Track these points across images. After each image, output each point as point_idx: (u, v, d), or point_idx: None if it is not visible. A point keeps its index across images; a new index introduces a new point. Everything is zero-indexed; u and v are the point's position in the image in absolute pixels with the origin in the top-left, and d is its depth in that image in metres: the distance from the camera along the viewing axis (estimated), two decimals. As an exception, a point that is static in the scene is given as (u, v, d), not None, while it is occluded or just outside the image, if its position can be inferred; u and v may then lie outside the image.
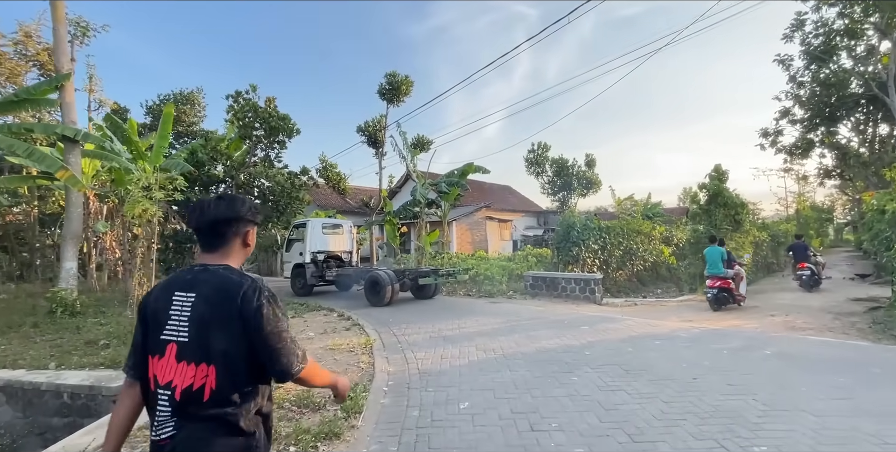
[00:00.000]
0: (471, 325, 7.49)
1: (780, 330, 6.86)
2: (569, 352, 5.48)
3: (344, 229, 13.51)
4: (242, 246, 1.48)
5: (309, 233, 12.45)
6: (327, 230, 13.01)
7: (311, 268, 12.19)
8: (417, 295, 10.83)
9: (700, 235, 12.43)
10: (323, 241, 12.66)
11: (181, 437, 1.26)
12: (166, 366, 1.29)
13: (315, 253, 12.33)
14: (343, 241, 13.31)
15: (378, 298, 9.71)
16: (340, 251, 13.13)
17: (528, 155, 28.03)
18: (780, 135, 27.55)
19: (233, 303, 1.29)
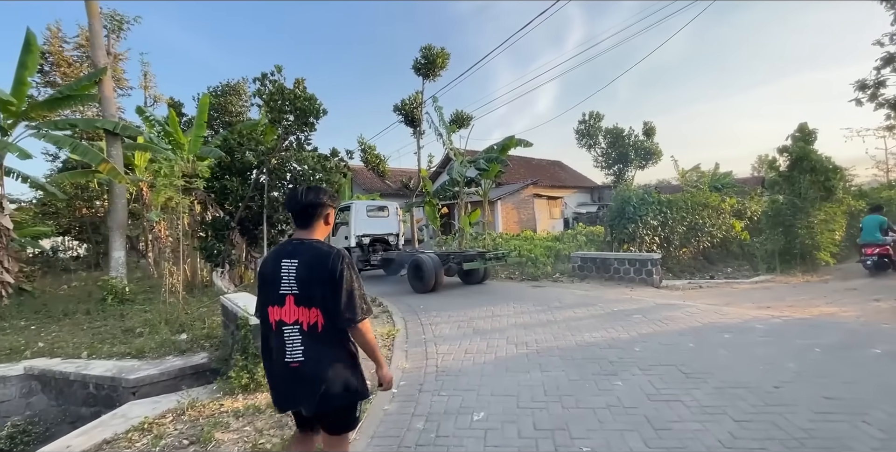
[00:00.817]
0: (507, 313, 6.82)
1: (890, 320, 5.55)
2: (615, 348, 4.66)
3: (389, 211, 13.05)
4: (325, 224, 2.02)
5: (353, 216, 12.08)
6: (372, 213, 12.64)
7: (356, 252, 11.92)
8: (466, 280, 10.11)
9: (780, 207, 10.69)
10: (368, 224, 12.33)
11: (310, 356, 1.81)
12: (289, 311, 1.83)
13: (360, 237, 12.06)
14: (389, 224, 12.89)
15: (422, 284, 9.08)
16: (386, 234, 12.71)
17: (579, 126, 26.11)
18: (882, 86, 23.57)
19: (325, 267, 1.82)
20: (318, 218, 1.98)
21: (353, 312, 1.82)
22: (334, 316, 1.82)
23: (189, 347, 6.02)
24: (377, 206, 12.98)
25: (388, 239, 12.69)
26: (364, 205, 12.63)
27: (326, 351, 1.84)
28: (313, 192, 1.98)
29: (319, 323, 1.82)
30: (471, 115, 16.31)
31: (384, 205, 13.22)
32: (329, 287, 1.81)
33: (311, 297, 1.82)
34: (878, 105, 24.04)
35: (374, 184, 24.86)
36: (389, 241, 12.70)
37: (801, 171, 10.92)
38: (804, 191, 10.63)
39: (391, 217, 12.99)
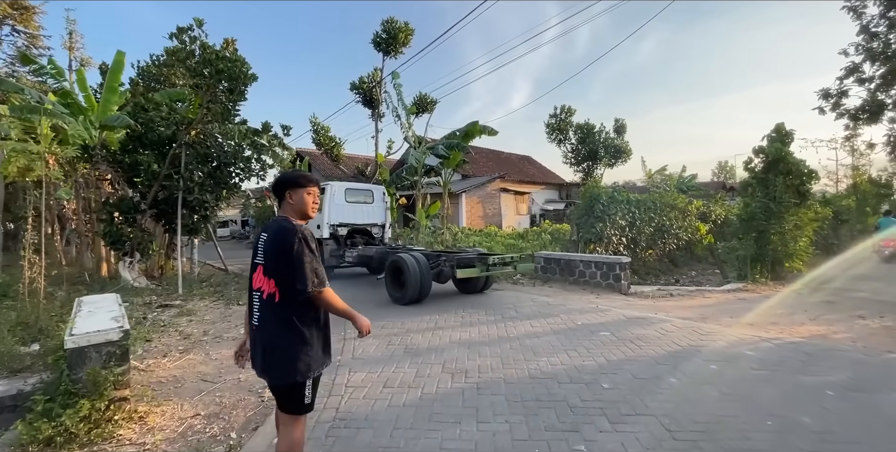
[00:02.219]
0: (452, 324, 5.68)
1: (888, 344, 4.79)
2: (578, 383, 3.59)
3: (374, 197, 10.81)
4: (290, 203, 2.11)
5: (327, 201, 9.65)
6: (352, 197, 10.36)
7: (329, 245, 9.66)
8: (462, 287, 7.89)
9: (754, 210, 10.07)
10: (346, 211, 10.11)
11: (262, 322, 2.00)
12: (258, 278, 2.01)
13: (335, 226, 9.87)
14: (373, 212, 10.66)
15: (402, 294, 6.91)
16: (369, 224, 10.53)
17: (550, 120, 25.29)
18: (844, 96, 23.98)
19: (281, 241, 1.95)
20: (282, 197, 2.11)
21: (303, 283, 1.90)
22: (287, 287, 1.93)
23: (32, 364, 4.54)
24: (359, 190, 10.75)
25: (372, 232, 10.55)
26: (342, 187, 10.27)
27: (275, 321, 1.96)
28: (286, 174, 2.18)
29: (276, 294, 1.95)
30: (435, 100, 15.05)
31: (368, 188, 10.98)
32: (283, 260, 1.93)
33: (271, 269, 1.97)
34: (838, 115, 24.56)
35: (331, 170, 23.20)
36: (373, 234, 10.56)
37: (777, 174, 10.33)
38: (779, 194, 10.04)
39: (376, 204, 10.77)
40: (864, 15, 22.25)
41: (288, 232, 1.94)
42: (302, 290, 1.89)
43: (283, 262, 1.92)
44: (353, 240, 10.08)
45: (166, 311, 7.13)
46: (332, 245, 9.70)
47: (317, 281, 1.93)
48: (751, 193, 10.69)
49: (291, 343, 1.95)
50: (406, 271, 6.77)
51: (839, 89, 24.94)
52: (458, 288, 7.95)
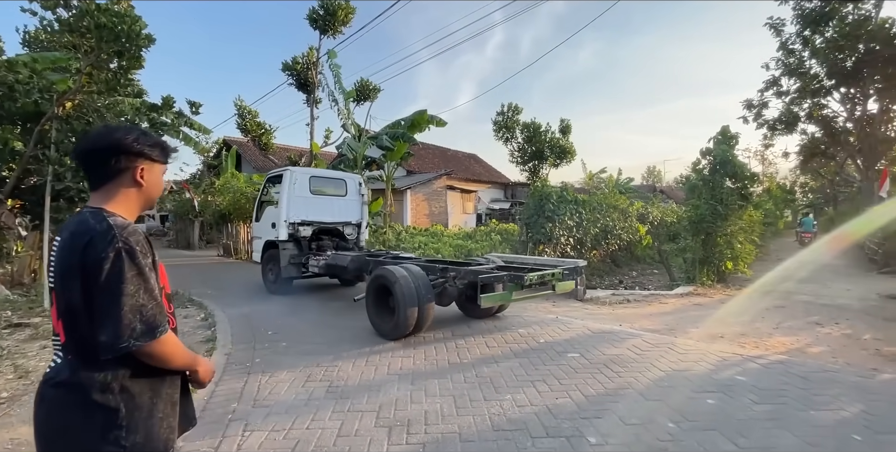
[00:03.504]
0: (391, 346, 4.65)
1: (864, 358, 4.45)
2: (557, 437, 2.72)
3: (348, 188, 8.38)
4: (132, 186, 1.26)
5: (287, 192, 7.46)
6: (319, 187, 8.00)
7: (287, 250, 7.38)
8: (469, 310, 5.82)
9: (703, 213, 10.00)
10: (310, 206, 7.74)
11: (45, 400, 1.18)
12: (54, 313, 1.21)
13: (296, 225, 7.55)
14: (347, 207, 8.30)
15: (390, 323, 4.82)
16: (341, 223, 8.20)
17: (498, 117, 24.87)
18: (764, 107, 25.84)
19: (78, 252, 1.12)
20: (115, 174, 1.23)
21: (111, 333, 1.08)
22: (85, 338, 1.13)
23: None
24: (329, 178, 8.41)
25: (344, 232, 8.27)
26: (306, 174, 7.94)
27: (61, 397, 1.15)
28: (105, 131, 1.30)
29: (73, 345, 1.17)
30: (378, 87, 13.83)
31: (340, 177, 8.58)
32: (80, 285, 1.11)
33: (60, 301, 1.16)
34: (759, 125, 26.49)
35: (262, 162, 21.10)
36: (346, 235, 8.29)
37: (723, 176, 10.34)
38: (725, 197, 10.03)
39: (350, 197, 8.36)
40: (783, 32, 23.99)
41: (95, 238, 1.12)
42: (108, 344, 1.09)
43: (82, 290, 1.12)
44: (319, 243, 7.89)
45: (15, 333, 5.44)
46: (292, 249, 7.43)
47: (140, 329, 1.12)
48: (698, 195, 10.65)
49: (88, 427, 1.14)
50: (397, 291, 4.63)
51: (760, 101, 26.82)
52: (463, 310, 5.90)
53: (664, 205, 21.75)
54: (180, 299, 7.37)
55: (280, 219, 7.48)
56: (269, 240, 7.81)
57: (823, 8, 20.27)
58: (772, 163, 47.06)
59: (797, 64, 23.29)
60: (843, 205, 31.30)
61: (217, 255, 17.31)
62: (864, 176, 23.17)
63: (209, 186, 17.67)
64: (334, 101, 11.89)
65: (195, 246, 20.23)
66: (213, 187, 17.19)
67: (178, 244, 21.78)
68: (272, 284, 7.82)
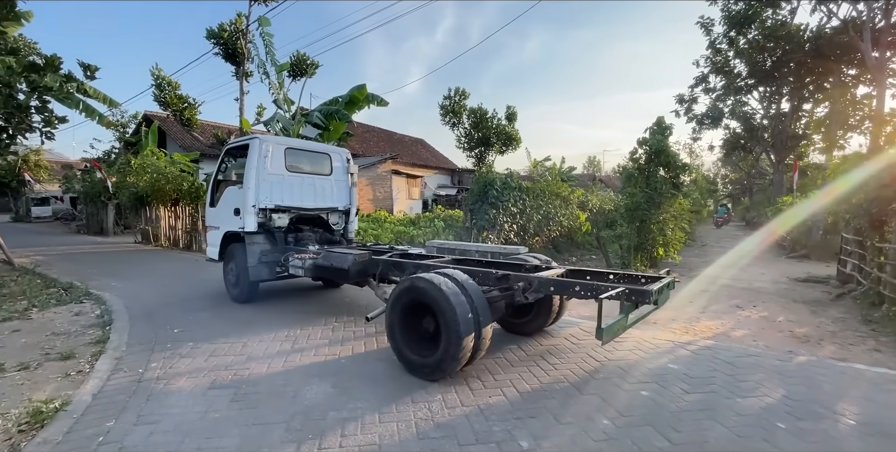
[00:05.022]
0: (313, 347, 4.22)
1: (784, 342, 4.67)
2: (488, 443, 2.48)
3: (332, 164, 6.61)
4: None
5: (255, 168, 5.68)
6: (296, 162, 6.21)
7: (257, 244, 5.69)
8: (516, 325, 4.55)
9: (638, 201, 10.33)
10: (286, 187, 6.01)
11: None
12: None
13: (269, 212, 5.85)
14: (331, 189, 6.57)
15: (430, 358, 3.30)
16: (325, 209, 6.49)
17: (445, 102, 24.42)
18: (694, 102, 27.47)
19: None
20: None
21: None
22: None
23: None
24: (309, 152, 6.50)
25: (329, 221, 6.61)
26: (281, 146, 6.06)
27: None
28: None
29: None
30: (316, 62, 12.87)
31: (324, 150, 6.72)
32: None
33: None
34: (689, 119, 28.15)
35: (190, 141, 19.26)
36: (331, 224, 6.63)
37: (657, 165, 10.70)
38: (659, 186, 10.39)
39: (336, 176, 6.61)
40: (712, 32, 25.36)
41: None
42: None
43: None
44: (297, 235, 6.29)
45: None
46: (263, 243, 5.74)
47: None
48: (634, 183, 10.98)
49: None
50: (447, 312, 3.12)
51: (691, 96, 28.37)
52: (507, 327, 4.63)
53: (603, 193, 22.63)
54: (75, 293, 6.42)
55: (246, 204, 5.64)
56: (231, 232, 5.98)
57: (747, 10, 21.65)
58: (698, 156, 50.68)
59: (723, 62, 24.87)
60: (757, 196, 34.46)
61: (134, 242, 15.67)
62: (776, 169, 25.46)
63: (124, 165, 15.82)
64: (265, 74, 10.87)
65: (109, 232, 18.22)
66: (128, 166, 15.41)
67: (89, 229, 19.49)
68: (234, 289, 6.00)
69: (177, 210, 13.82)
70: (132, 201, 15.87)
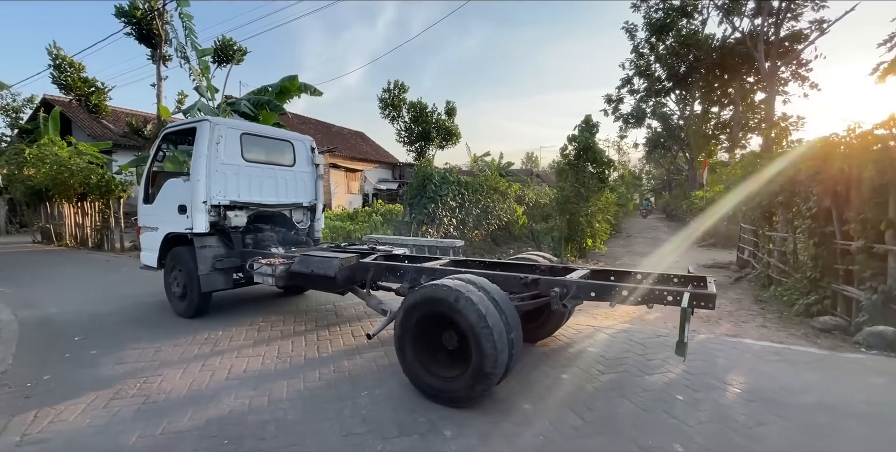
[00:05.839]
0: (235, 348, 4.02)
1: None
2: (411, 435, 2.51)
3: (296, 153, 5.83)
4: None
5: (205, 157, 4.80)
6: (255, 150, 5.39)
7: (210, 247, 4.88)
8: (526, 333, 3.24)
9: (568, 194, 10.88)
10: (244, 179, 5.21)
11: None
12: None
13: (222, 209, 5.00)
14: (294, 182, 5.81)
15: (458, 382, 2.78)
16: (287, 204, 5.74)
17: (384, 94, 24.04)
18: (620, 103, 29.31)
19: None
20: None
21: None
22: None
23: None
24: (268, 138, 5.66)
25: (293, 218, 5.89)
26: (236, 131, 5.18)
27: None
28: None
29: None
30: (244, 49, 12.10)
31: (285, 137, 5.84)
32: None
33: None
34: (615, 118, 30.00)
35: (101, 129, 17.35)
36: (295, 222, 5.91)
37: (586, 161, 11.31)
38: (587, 180, 11.00)
39: (300, 167, 5.87)
40: (636, 37, 27.06)
41: None
42: None
43: None
44: (258, 236, 5.45)
45: None
46: (216, 246, 4.92)
47: None
48: (564, 178, 11.53)
49: None
50: (478, 327, 2.63)
51: (617, 96, 30.15)
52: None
53: (539, 188, 23.59)
54: (-49, 301, 5.60)
55: (195, 200, 4.73)
56: (175, 233, 5.09)
57: (665, 19, 23.42)
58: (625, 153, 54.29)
59: (646, 66, 26.76)
60: (675, 190, 37.61)
61: (32, 242, 13.96)
62: (690, 166, 27.89)
63: (15, 156, 13.97)
64: (185, 59, 10.02)
65: (1, 231, 16.10)
66: (22, 156, 13.62)
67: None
68: (179, 302, 5.06)
69: (84, 206, 12.46)
70: (29, 196, 14.08)
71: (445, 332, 2.95)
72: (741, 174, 9.24)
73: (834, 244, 5.20)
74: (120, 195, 11.26)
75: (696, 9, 22.92)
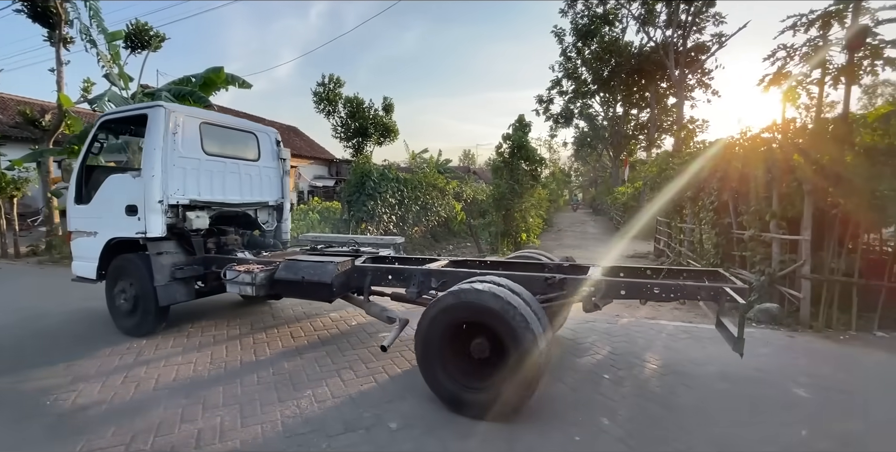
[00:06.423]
0: (163, 357, 3.76)
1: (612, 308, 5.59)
2: (356, 431, 2.53)
3: (261, 146, 5.29)
4: None
5: (161, 149, 4.11)
6: (216, 143, 4.75)
7: (168, 254, 4.28)
8: None
9: (503, 191, 11.28)
10: (205, 175, 4.60)
11: None
12: None
13: (180, 209, 4.36)
14: (259, 178, 5.26)
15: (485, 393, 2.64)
16: (252, 203, 5.18)
17: (318, 88, 23.20)
18: (551, 103, 30.75)
19: None
20: None
21: None
22: None
23: None
24: (230, 129, 5.03)
25: (258, 219, 5.35)
26: (195, 119, 4.56)
27: None
28: None
29: None
30: (162, 35, 11.09)
31: (248, 129, 5.23)
32: None
33: None
34: (546, 117, 31.41)
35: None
36: (260, 222, 5.38)
37: (519, 159, 11.78)
38: (521, 177, 11.47)
39: (265, 162, 5.33)
40: (564, 41, 28.44)
41: None
42: None
43: None
44: (221, 239, 4.86)
45: None
46: (176, 252, 4.35)
47: None
48: (500, 175, 11.94)
49: None
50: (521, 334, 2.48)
51: (548, 97, 31.54)
52: None
53: (476, 184, 24.12)
54: None
55: (150, 200, 4.09)
56: (120, 238, 4.34)
57: (590, 25, 24.91)
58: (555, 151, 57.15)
59: (573, 69, 28.30)
60: (600, 187, 40.30)
61: None
62: (613, 164, 30.02)
63: None
64: (91, 43, 8.97)
65: None
66: None
67: None
68: (127, 318, 4.34)
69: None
70: None
71: (474, 340, 2.71)
72: (656, 171, 10.14)
73: (731, 233, 5.92)
74: (13, 194, 9.90)
75: (617, 17, 24.60)
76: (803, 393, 3.00)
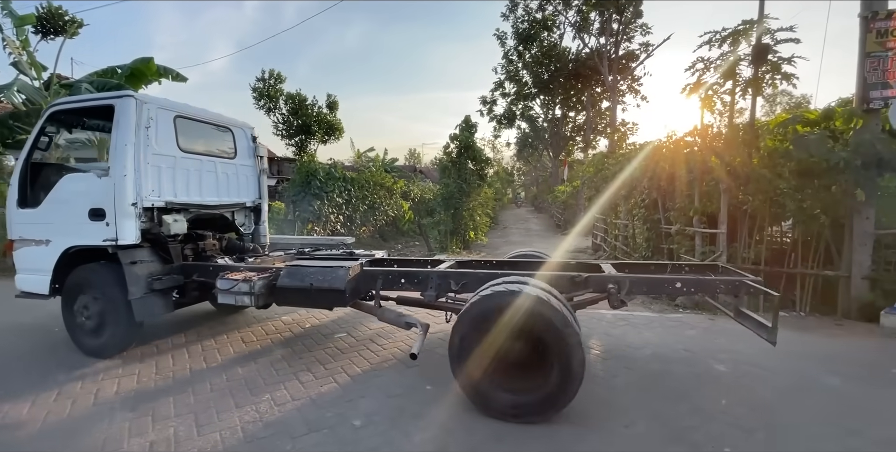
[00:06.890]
0: (101, 370, 3.51)
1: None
2: (320, 430, 2.54)
3: (237, 142, 4.85)
4: None
5: (133, 144, 3.59)
6: (192, 138, 4.26)
7: (143, 262, 3.72)
8: None
9: (452, 191, 11.50)
10: (180, 175, 4.09)
11: None
12: None
13: (155, 212, 3.85)
14: (236, 177, 4.82)
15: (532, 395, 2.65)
16: (228, 205, 4.71)
17: (258, 84, 22.13)
18: (494, 104, 31.54)
19: None
20: None
21: None
22: None
23: None
24: (204, 123, 4.51)
25: (235, 221, 4.91)
26: (169, 111, 4.00)
27: None
28: None
29: None
30: (79, 20, 10.06)
31: (224, 124, 4.77)
32: None
33: None
34: (490, 118, 32.19)
35: None
36: (237, 225, 4.93)
37: (466, 159, 12.06)
38: (468, 177, 11.75)
39: (242, 160, 4.93)
40: (506, 44, 29.26)
41: None
42: None
43: None
44: (199, 245, 4.40)
45: None
46: (151, 261, 3.85)
47: None
48: (448, 175, 12.16)
49: None
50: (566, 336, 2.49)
51: (492, 99, 32.28)
52: None
53: (423, 183, 24.23)
54: None
55: (122, 202, 3.61)
56: (80, 247, 3.81)
57: (530, 30, 25.86)
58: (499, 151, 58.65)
59: (515, 72, 29.23)
60: (541, 186, 41.99)
61: None
62: (553, 163, 31.40)
63: None
64: (-7, 31, 7.97)
65: None
66: None
67: None
68: (92, 338, 3.82)
69: None
70: None
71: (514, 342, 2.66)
72: (593, 171, 10.81)
73: (660, 228, 6.49)
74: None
75: (555, 23, 25.72)
76: (722, 368, 3.42)
